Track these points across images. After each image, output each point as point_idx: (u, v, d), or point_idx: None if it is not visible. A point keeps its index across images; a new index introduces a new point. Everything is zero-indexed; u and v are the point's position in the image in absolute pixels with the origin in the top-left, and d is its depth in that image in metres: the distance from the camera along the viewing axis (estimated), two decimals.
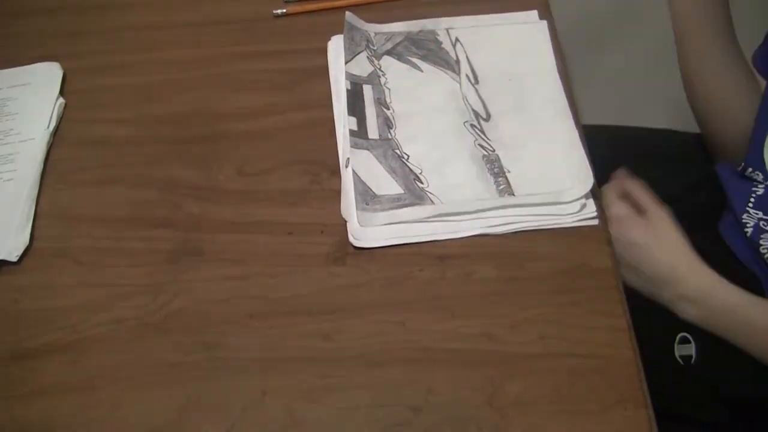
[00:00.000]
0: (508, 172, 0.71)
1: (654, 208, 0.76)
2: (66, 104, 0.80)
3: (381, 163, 0.72)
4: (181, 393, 0.60)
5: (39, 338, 0.63)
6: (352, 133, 0.73)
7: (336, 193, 0.70)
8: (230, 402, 0.59)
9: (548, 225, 0.66)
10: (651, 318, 0.66)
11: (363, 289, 0.64)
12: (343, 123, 0.74)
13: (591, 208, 0.67)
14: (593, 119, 0.99)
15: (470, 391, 0.58)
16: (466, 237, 0.66)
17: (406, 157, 0.72)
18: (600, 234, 0.66)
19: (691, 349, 0.75)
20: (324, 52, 0.82)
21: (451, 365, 0.59)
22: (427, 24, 0.83)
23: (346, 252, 0.66)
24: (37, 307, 0.65)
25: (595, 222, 0.66)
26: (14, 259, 0.68)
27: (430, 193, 0.69)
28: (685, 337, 0.76)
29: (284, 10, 0.86)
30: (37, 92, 0.81)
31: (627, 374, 0.58)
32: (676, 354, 0.76)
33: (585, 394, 0.57)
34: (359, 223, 0.67)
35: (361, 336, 0.61)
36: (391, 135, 0.74)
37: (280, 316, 0.63)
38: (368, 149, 0.72)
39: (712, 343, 0.74)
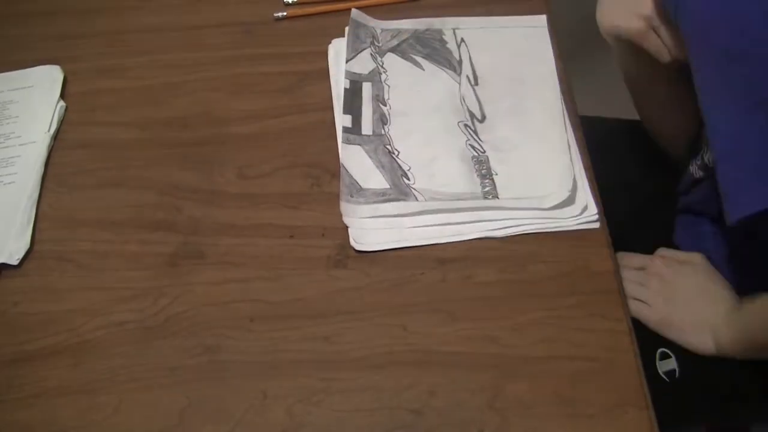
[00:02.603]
0: (495, 174, 0.71)
1: (690, 256, 0.79)
2: (67, 107, 0.80)
3: (371, 157, 0.72)
4: (182, 396, 0.60)
5: (40, 341, 0.63)
6: (345, 129, 0.73)
7: (336, 196, 0.70)
8: (231, 405, 0.59)
9: (549, 228, 0.66)
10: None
11: (364, 292, 0.64)
12: (340, 122, 0.74)
13: (592, 211, 0.67)
14: (592, 113, 0.99)
15: (471, 393, 0.58)
16: (467, 240, 0.66)
17: (396, 153, 0.73)
18: (601, 237, 0.66)
19: (672, 363, 0.76)
20: (324, 54, 0.82)
21: (452, 368, 0.59)
22: (435, 23, 0.83)
23: (347, 255, 0.66)
24: (37, 310, 0.65)
25: (596, 225, 0.66)
26: (15, 262, 0.68)
27: (416, 190, 0.70)
28: (665, 352, 0.76)
29: (285, 13, 0.86)
30: (37, 95, 0.81)
31: (628, 377, 0.58)
32: (660, 371, 0.76)
33: (586, 397, 0.57)
34: (342, 213, 0.67)
35: (362, 339, 0.61)
36: (384, 131, 0.74)
37: (281, 319, 0.63)
38: (360, 144, 0.73)
39: (692, 356, 0.76)
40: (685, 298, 0.76)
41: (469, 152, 0.73)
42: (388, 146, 0.73)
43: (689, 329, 0.74)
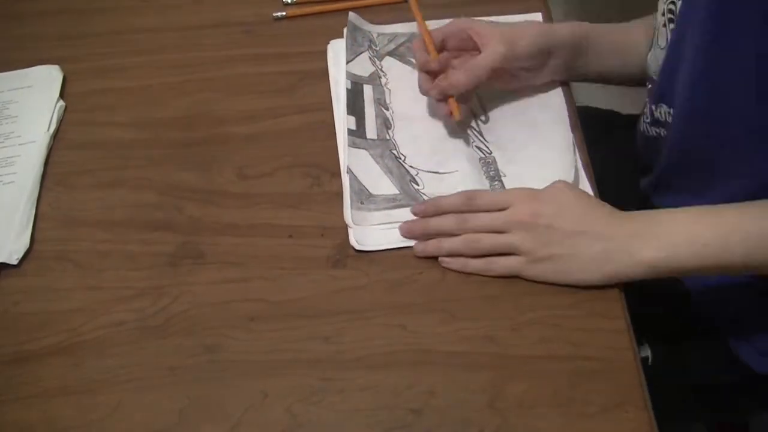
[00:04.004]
0: (504, 176, 0.71)
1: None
2: (66, 107, 0.80)
3: (378, 163, 0.72)
4: (182, 395, 0.60)
5: (40, 341, 0.63)
6: (350, 132, 0.73)
7: (336, 196, 0.70)
8: (231, 404, 0.59)
9: None
10: None
11: (363, 291, 0.64)
12: (343, 123, 0.74)
13: None
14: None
15: (471, 393, 0.58)
16: None
17: (403, 157, 0.73)
18: None
19: (646, 351, 0.75)
20: (324, 54, 0.82)
21: (451, 368, 0.59)
22: (430, 26, 0.83)
23: (347, 255, 0.66)
24: (37, 310, 0.65)
25: None
26: (15, 262, 0.68)
27: (425, 195, 0.69)
28: (638, 339, 0.75)
29: (284, 13, 0.86)
30: (37, 95, 0.81)
31: (627, 376, 0.58)
32: None
33: (586, 396, 0.57)
34: (353, 221, 0.67)
35: (362, 339, 0.61)
36: (389, 135, 0.74)
37: (281, 319, 0.63)
38: (366, 149, 0.73)
39: (665, 344, 0.75)
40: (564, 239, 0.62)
41: (476, 154, 0.73)
42: (394, 151, 0.73)
43: (571, 258, 0.62)
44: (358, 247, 0.66)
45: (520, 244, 0.62)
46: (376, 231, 0.67)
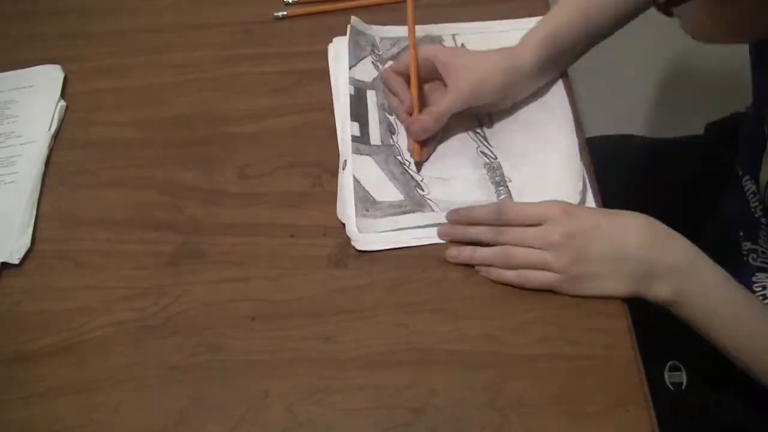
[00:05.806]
0: (510, 181, 0.70)
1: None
2: (67, 107, 0.80)
3: (382, 168, 0.72)
4: (183, 395, 0.60)
5: (41, 340, 0.63)
6: (354, 138, 0.73)
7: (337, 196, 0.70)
8: (232, 404, 0.59)
9: None
10: (640, 347, 0.64)
11: (365, 291, 0.64)
12: (345, 127, 0.74)
13: None
14: (595, 127, 0.99)
15: (472, 392, 0.58)
16: None
17: (407, 163, 0.72)
18: None
19: (681, 377, 0.74)
20: (324, 54, 0.82)
21: (453, 367, 0.59)
22: (433, 29, 0.83)
23: (348, 254, 0.66)
24: (38, 309, 0.65)
25: None
26: (16, 261, 0.68)
27: (431, 200, 0.69)
28: (675, 365, 0.74)
29: (285, 13, 0.86)
30: (38, 95, 0.81)
31: (628, 375, 0.58)
32: (667, 381, 0.74)
33: (587, 396, 0.57)
34: (359, 229, 0.67)
35: (363, 338, 0.61)
36: (393, 141, 0.74)
37: (282, 319, 0.63)
38: (370, 155, 0.72)
39: (702, 371, 0.73)
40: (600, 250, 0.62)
41: (481, 159, 0.72)
42: (398, 157, 0.73)
43: (606, 275, 0.62)
44: (359, 247, 0.66)
45: (553, 262, 0.61)
46: (378, 231, 0.67)
